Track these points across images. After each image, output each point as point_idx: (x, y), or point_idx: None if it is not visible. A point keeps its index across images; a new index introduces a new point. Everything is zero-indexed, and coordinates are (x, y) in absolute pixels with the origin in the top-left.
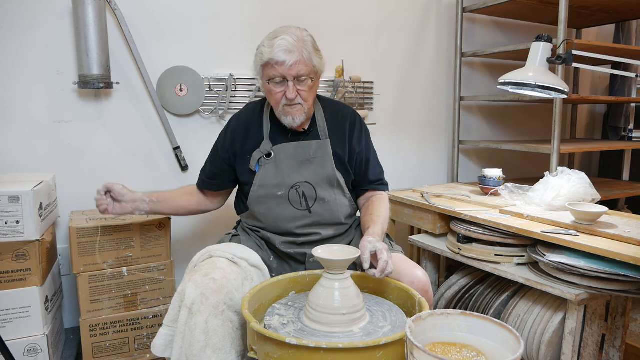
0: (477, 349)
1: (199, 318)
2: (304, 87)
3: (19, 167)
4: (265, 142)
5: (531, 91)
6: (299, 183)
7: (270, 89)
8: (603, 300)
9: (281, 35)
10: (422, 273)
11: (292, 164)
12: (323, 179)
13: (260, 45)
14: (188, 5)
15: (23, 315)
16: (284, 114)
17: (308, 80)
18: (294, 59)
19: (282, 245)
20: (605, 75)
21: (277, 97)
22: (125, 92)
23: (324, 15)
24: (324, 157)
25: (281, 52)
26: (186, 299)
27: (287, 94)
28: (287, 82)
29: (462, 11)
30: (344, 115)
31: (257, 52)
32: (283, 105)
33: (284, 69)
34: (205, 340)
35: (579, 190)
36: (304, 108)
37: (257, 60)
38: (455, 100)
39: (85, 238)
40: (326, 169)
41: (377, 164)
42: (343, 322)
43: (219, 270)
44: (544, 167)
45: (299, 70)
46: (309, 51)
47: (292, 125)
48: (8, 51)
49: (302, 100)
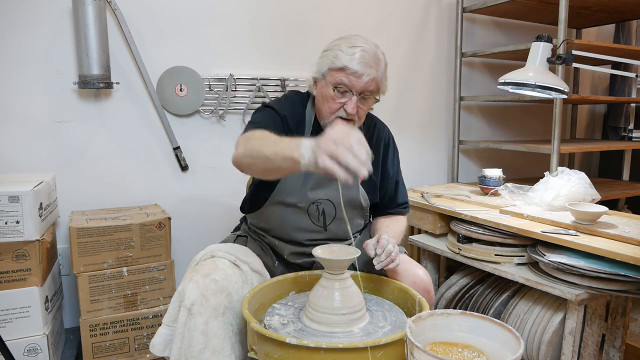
0: (478, 349)
1: (199, 319)
2: (365, 106)
3: (19, 167)
4: None
5: (531, 91)
6: (321, 199)
7: (332, 95)
8: (603, 300)
9: (361, 45)
10: (424, 273)
11: (318, 180)
12: (345, 199)
13: (335, 48)
14: (188, 5)
15: (23, 315)
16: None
17: (371, 99)
18: (371, 75)
19: (290, 256)
20: (605, 75)
21: (333, 107)
22: (125, 92)
23: (324, 15)
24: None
25: (361, 64)
26: (186, 299)
27: (347, 108)
28: (351, 95)
29: (462, 11)
30: (379, 136)
31: (329, 54)
32: (336, 116)
33: (357, 81)
34: (205, 341)
35: (579, 190)
36: (355, 125)
37: (327, 61)
38: (455, 100)
39: (85, 238)
40: (351, 190)
41: (404, 186)
42: (343, 322)
43: (220, 272)
44: (544, 167)
45: (369, 87)
46: (382, 71)
47: None
48: (8, 51)
49: (358, 117)
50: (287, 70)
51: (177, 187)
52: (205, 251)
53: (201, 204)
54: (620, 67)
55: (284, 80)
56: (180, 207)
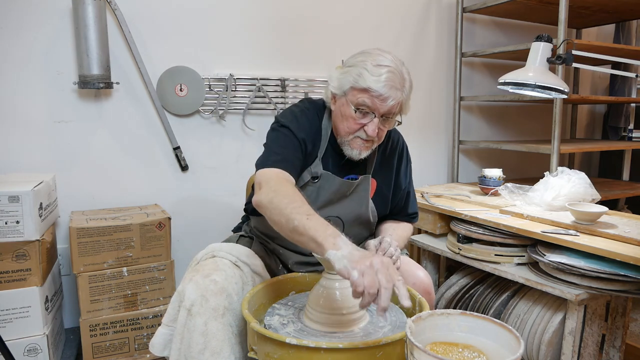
0: (478, 349)
1: (198, 320)
2: (387, 126)
3: (19, 167)
4: (316, 163)
5: (531, 91)
6: (330, 217)
7: (351, 115)
8: (603, 300)
9: (388, 65)
10: (424, 274)
11: (332, 198)
12: (354, 215)
13: (360, 65)
14: (188, 5)
15: (23, 315)
16: (350, 146)
17: (393, 121)
18: (397, 98)
19: (294, 265)
20: (605, 75)
21: (352, 127)
22: (125, 92)
23: (325, 15)
24: (362, 194)
25: (388, 87)
26: (185, 299)
27: (368, 130)
28: (373, 117)
29: (462, 11)
30: (393, 148)
31: (353, 70)
32: (354, 137)
33: (382, 105)
34: (204, 342)
35: (579, 190)
36: (374, 146)
37: (350, 79)
38: (455, 100)
39: (85, 238)
40: (360, 206)
41: (414, 197)
42: (343, 322)
43: (221, 272)
44: (544, 167)
45: (393, 110)
46: (406, 93)
47: (353, 158)
48: (8, 51)
49: (379, 139)
50: (287, 70)
51: (177, 187)
52: (206, 250)
53: (201, 204)
54: (620, 67)
55: (284, 80)
56: (180, 207)
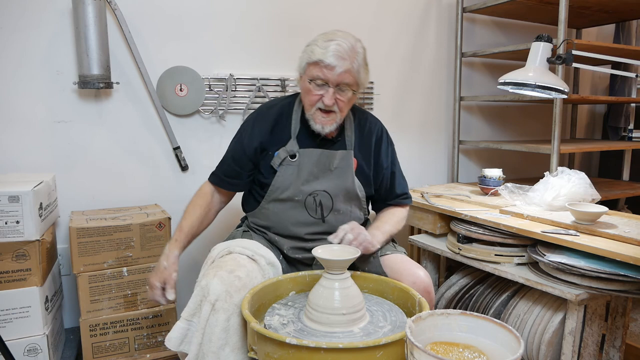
0: (479, 349)
1: (221, 315)
2: (343, 97)
3: (19, 167)
4: (291, 142)
5: (531, 91)
6: (317, 191)
7: (310, 88)
8: (603, 300)
9: (337, 39)
10: (424, 273)
11: (314, 171)
12: (342, 190)
13: (312, 43)
14: (188, 5)
15: (23, 315)
16: (314, 120)
17: (349, 92)
18: (345, 67)
19: (289, 250)
20: (605, 75)
21: (313, 99)
22: (125, 92)
23: (325, 15)
24: (346, 168)
25: (333, 56)
26: (210, 294)
27: (325, 99)
28: (328, 87)
29: (462, 11)
30: (370, 129)
31: (307, 49)
32: (316, 109)
33: (331, 73)
34: (225, 338)
35: (579, 190)
36: (337, 118)
37: (305, 56)
38: (455, 100)
39: (85, 238)
40: (346, 180)
41: (402, 177)
42: (343, 322)
43: (243, 268)
44: (544, 167)
45: (344, 79)
46: (359, 63)
47: (320, 132)
48: (8, 51)
49: (338, 109)
50: (287, 70)
51: (177, 187)
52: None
53: None
54: (620, 67)
55: (284, 80)
56: (180, 207)
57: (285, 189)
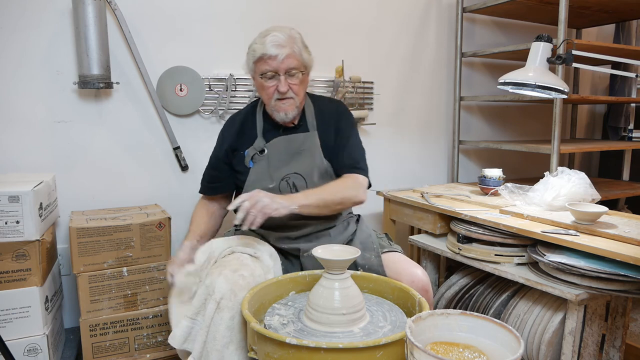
0: (479, 349)
1: (226, 314)
2: (295, 81)
3: (19, 167)
4: (258, 140)
5: (531, 91)
6: (289, 174)
7: (263, 83)
8: (603, 300)
9: (272, 32)
10: (422, 272)
11: (283, 157)
12: (313, 169)
13: (252, 43)
14: (188, 5)
15: (23, 315)
16: (276, 110)
17: (299, 74)
18: (285, 52)
19: (276, 241)
20: (605, 75)
21: (269, 92)
22: (125, 92)
23: (325, 15)
24: (312, 148)
25: (273, 46)
26: (216, 292)
27: (279, 88)
28: (278, 77)
29: (462, 11)
30: (329, 107)
31: (249, 50)
32: (275, 99)
33: (276, 62)
34: (230, 336)
35: (579, 190)
36: (296, 102)
37: (250, 57)
38: (455, 100)
39: (85, 238)
40: (315, 159)
41: (356, 149)
42: (343, 322)
43: (246, 267)
44: (544, 167)
45: (290, 64)
46: (299, 47)
47: (285, 120)
48: (8, 51)
49: (294, 93)
50: None
51: (177, 187)
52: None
53: None
54: (620, 67)
55: None
56: (180, 207)
57: (258, 180)
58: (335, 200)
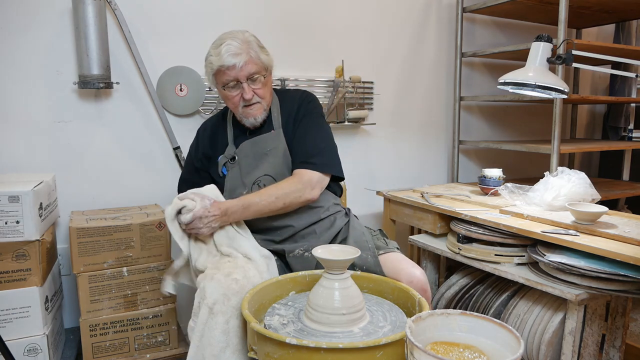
0: (480, 350)
1: (220, 318)
2: (258, 85)
3: (19, 167)
4: (229, 147)
5: (531, 91)
6: (259, 178)
7: (227, 94)
8: (603, 300)
9: (225, 41)
10: (420, 272)
11: (251, 162)
12: (281, 168)
13: (208, 55)
14: (188, 5)
15: (23, 315)
16: (245, 116)
17: (260, 78)
18: (243, 60)
19: (261, 243)
20: (605, 75)
21: (234, 101)
22: (125, 92)
23: (325, 15)
24: (278, 147)
25: (229, 56)
26: (207, 297)
27: (244, 95)
28: (241, 84)
29: (462, 11)
30: (293, 99)
31: (207, 63)
32: (242, 107)
33: (235, 72)
34: (226, 340)
35: (579, 190)
36: (263, 105)
37: (208, 70)
38: (455, 100)
39: (85, 238)
40: (282, 157)
41: (311, 141)
42: (343, 322)
43: (240, 270)
44: (544, 167)
45: (250, 70)
46: (255, 50)
47: (255, 125)
48: (8, 51)
49: (259, 97)
50: (287, 70)
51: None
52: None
53: None
54: (620, 67)
55: (284, 80)
56: None
57: (233, 188)
58: (276, 208)
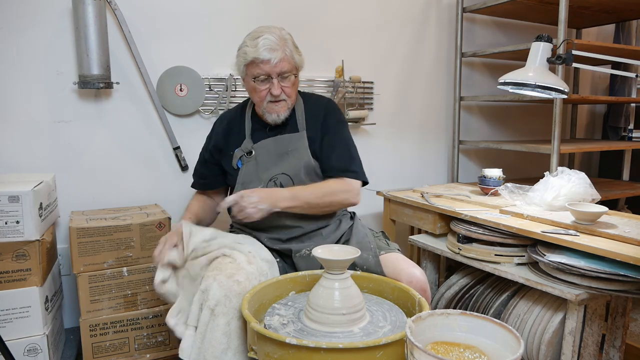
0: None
1: (221, 320)
2: (288, 84)
3: (19, 167)
4: (246, 141)
5: (531, 91)
6: (276, 175)
7: (255, 86)
8: (603, 300)
9: (263, 34)
10: (420, 272)
11: (272, 158)
12: (300, 168)
13: (243, 45)
14: (188, 5)
15: (23, 315)
16: (268, 111)
17: (291, 77)
18: (278, 56)
19: (268, 241)
20: (605, 75)
21: (262, 95)
22: (125, 92)
23: (325, 15)
24: (300, 148)
25: (265, 50)
26: (210, 299)
27: (272, 91)
28: (271, 80)
29: (462, 11)
30: (319, 105)
31: (240, 52)
32: (268, 102)
33: (269, 66)
34: (227, 342)
35: (579, 190)
36: (288, 104)
37: (240, 60)
38: (455, 100)
39: (85, 238)
40: (302, 158)
41: (346, 150)
42: (343, 322)
43: (242, 271)
44: (544, 167)
45: (283, 67)
46: (290, 49)
47: (277, 122)
48: (8, 51)
49: (286, 96)
50: None
51: (177, 187)
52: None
53: None
54: (620, 67)
55: None
56: (180, 207)
57: (248, 182)
58: (322, 204)
